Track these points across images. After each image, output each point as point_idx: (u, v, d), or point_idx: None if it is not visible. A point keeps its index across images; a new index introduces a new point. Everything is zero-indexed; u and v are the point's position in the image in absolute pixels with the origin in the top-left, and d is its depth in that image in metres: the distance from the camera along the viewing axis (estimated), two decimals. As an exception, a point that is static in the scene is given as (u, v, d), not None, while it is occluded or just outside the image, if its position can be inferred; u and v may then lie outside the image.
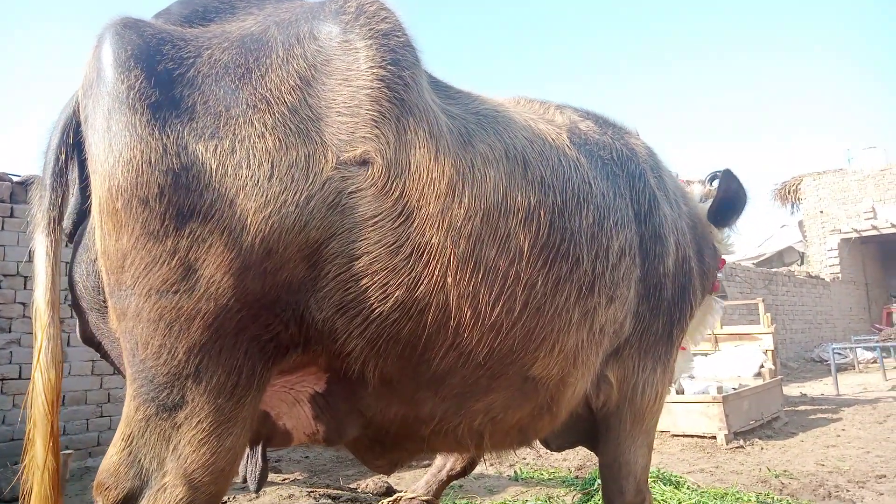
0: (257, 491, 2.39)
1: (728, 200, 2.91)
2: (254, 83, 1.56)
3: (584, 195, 2.07)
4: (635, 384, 2.39)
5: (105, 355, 1.83)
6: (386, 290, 1.63)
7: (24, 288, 5.84)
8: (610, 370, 2.35)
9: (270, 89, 1.56)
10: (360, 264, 1.60)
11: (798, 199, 22.70)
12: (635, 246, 2.26)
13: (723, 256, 3.02)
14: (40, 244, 1.63)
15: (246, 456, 2.18)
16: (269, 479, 4.08)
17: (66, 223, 1.71)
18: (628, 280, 2.21)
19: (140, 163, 1.42)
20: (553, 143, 2.12)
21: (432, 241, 1.67)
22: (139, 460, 1.51)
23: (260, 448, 2.11)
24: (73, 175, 1.69)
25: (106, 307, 1.61)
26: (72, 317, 6.03)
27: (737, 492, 4.59)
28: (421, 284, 1.67)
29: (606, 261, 2.09)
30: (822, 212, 21.43)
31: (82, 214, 1.69)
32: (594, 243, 2.05)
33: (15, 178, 6.04)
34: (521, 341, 1.87)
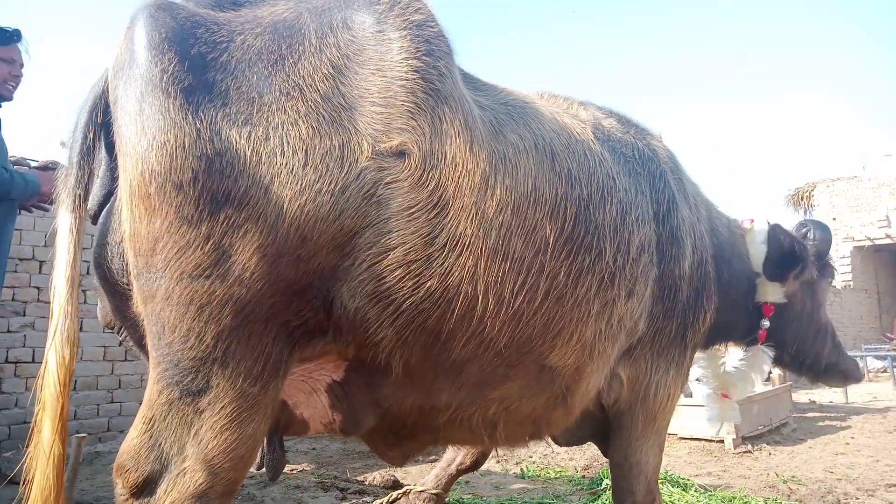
0: (273, 479, 2.40)
1: (778, 257, 2.85)
2: (287, 70, 1.56)
3: (609, 189, 2.10)
4: (648, 384, 2.40)
5: (126, 339, 1.83)
6: (419, 280, 1.64)
7: (40, 272, 5.88)
8: (623, 369, 2.36)
9: (304, 76, 1.56)
10: (395, 255, 1.60)
11: (811, 206, 22.47)
12: (653, 244, 2.28)
13: (769, 303, 2.92)
14: (64, 221, 1.62)
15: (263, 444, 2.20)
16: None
17: (91, 204, 1.71)
18: (646, 277, 2.23)
19: (174, 147, 1.42)
20: (579, 136, 2.14)
21: (466, 231, 1.68)
22: (160, 444, 1.51)
23: (277, 437, 2.12)
24: (100, 156, 1.69)
25: (130, 290, 1.61)
26: (85, 302, 6.05)
27: (744, 496, 4.57)
28: (453, 275, 1.68)
29: (627, 255, 2.11)
30: (835, 219, 21.22)
31: (108, 196, 1.69)
32: (616, 237, 2.07)
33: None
34: (540, 330, 1.90)
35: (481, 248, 1.71)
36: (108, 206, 1.69)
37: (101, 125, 1.64)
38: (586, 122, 2.32)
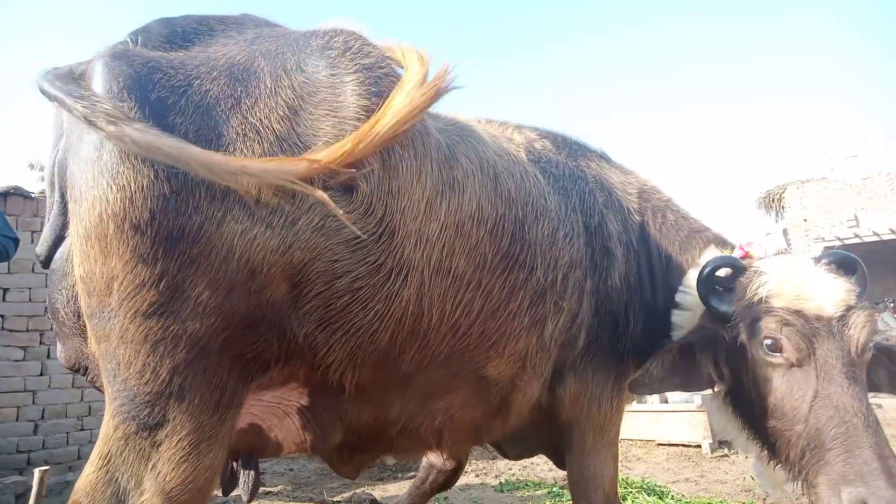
0: (249, 502, 2.41)
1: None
2: (243, 112, 1.59)
3: (542, 209, 2.20)
4: (591, 398, 2.42)
5: (92, 380, 1.81)
6: (366, 304, 1.69)
7: (3, 300, 5.76)
8: (565, 384, 2.39)
9: (260, 118, 1.60)
10: (343, 282, 1.65)
11: (782, 208, 22.88)
12: (586, 259, 2.35)
13: None
14: None
15: (238, 468, 2.21)
16: (236, 495, 4.05)
17: (41, 249, 1.71)
18: (579, 292, 2.30)
19: (133, 190, 1.44)
20: (515, 158, 2.26)
21: (411, 255, 1.74)
22: (117, 479, 1.50)
23: (253, 460, 2.14)
24: (50, 200, 1.70)
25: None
26: (51, 329, 5.95)
27: (721, 501, 4.61)
28: (399, 297, 1.74)
29: (557, 271, 2.19)
30: (805, 220, 21.64)
31: (58, 240, 1.68)
32: (547, 254, 2.17)
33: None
34: (475, 341, 1.99)
35: (425, 269, 1.78)
36: (59, 250, 1.68)
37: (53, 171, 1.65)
38: (520, 145, 2.44)
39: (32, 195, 6.16)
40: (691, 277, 2.48)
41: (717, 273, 2.32)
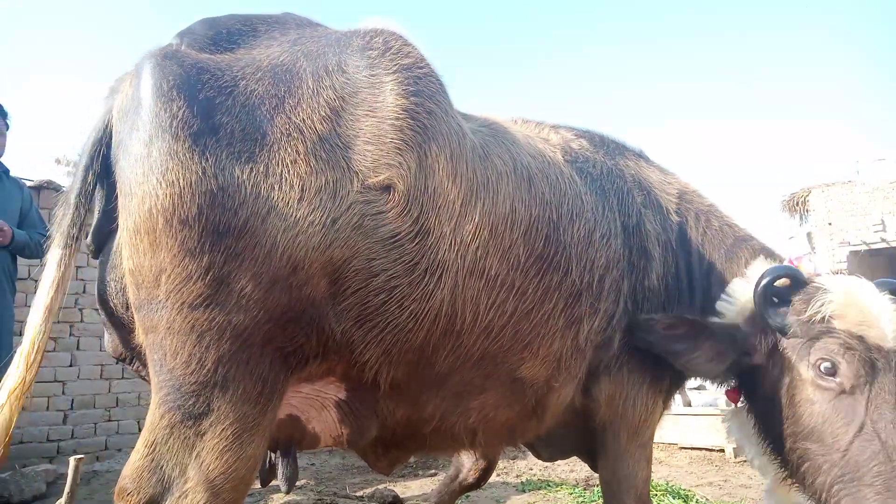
0: (288, 492, 2.46)
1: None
2: (287, 112, 1.64)
3: (577, 210, 2.20)
4: (626, 399, 2.41)
5: (138, 370, 1.86)
6: (402, 303, 1.72)
7: (35, 292, 5.87)
8: (600, 385, 2.37)
9: (303, 118, 1.65)
10: (379, 280, 1.68)
11: (806, 211, 22.44)
12: (623, 260, 2.33)
13: None
14: (54, 256, 1.70)
15: (277, 458, 2.25)
16: (275, 485, 4.09)
17: (91, 241, 1.77)
18: (615, 293, 2.28)
19: (182, 186, 1.49)
20: (550, 159, 2.26)
21: (446, 256, 1.77)
22: (162, 467, 1.55)
23: (292, 451, 2.18)
24: (99, 194, 1.75)
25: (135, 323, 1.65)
26: (81, 321, 6.04)
27: (746, 506, 4.56)
28: (434, 296, 1.77)
29: (593, 273, 2.19)
30: (830, 224, 21.24)
31: (107, 233, 1.73)
32: (583, 255, 2.16)
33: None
34: (509, 343, 2.00)
35: (460, 270, 1.81)
36: (109, 243, 1.73)
37: (100, 166, 1.70)
38: (556, 145, 2.43)
39: (64, 189, 6.28)
40: (737, 287, 2.42)
41: (776, 284, 2.23)
